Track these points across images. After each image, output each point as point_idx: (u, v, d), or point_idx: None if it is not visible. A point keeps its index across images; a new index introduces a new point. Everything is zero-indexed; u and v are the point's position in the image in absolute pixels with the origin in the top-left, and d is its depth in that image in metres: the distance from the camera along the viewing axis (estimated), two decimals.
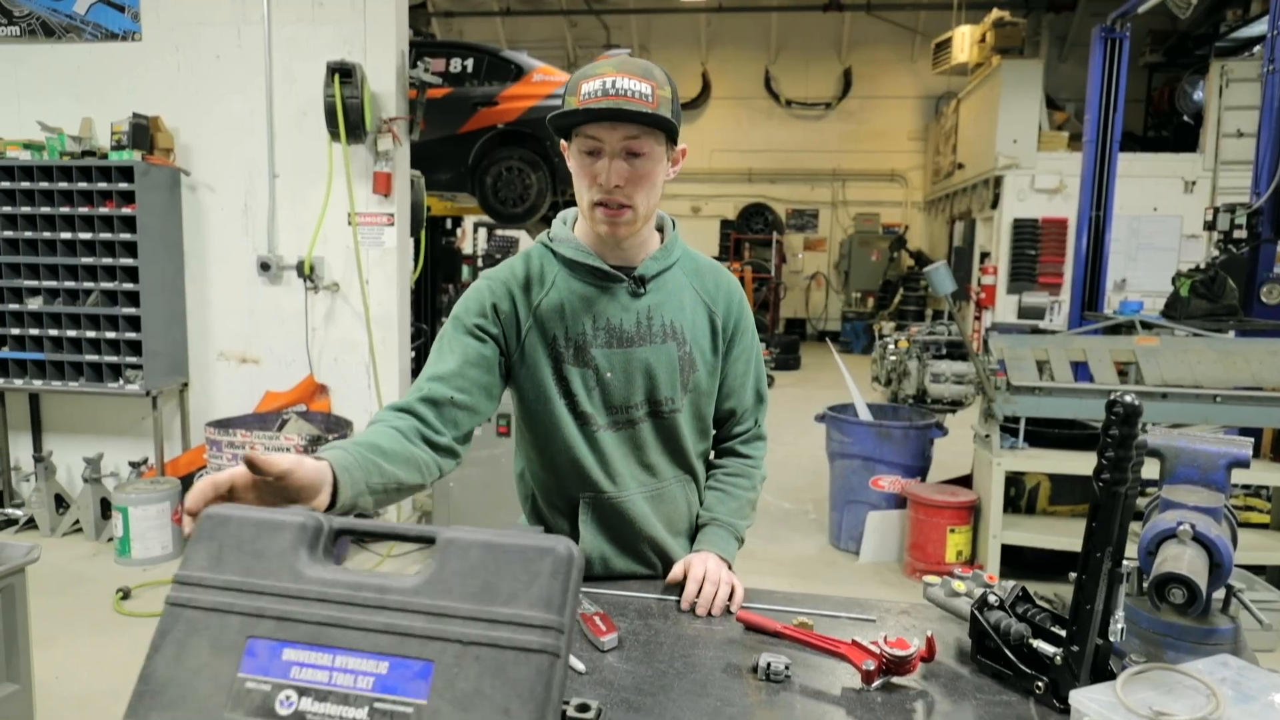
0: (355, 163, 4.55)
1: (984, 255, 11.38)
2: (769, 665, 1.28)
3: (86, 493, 4.65)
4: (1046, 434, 4.31)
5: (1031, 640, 1.24)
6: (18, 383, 4.61)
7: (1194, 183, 10.14)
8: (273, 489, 1.07)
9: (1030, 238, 10.50)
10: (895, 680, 1.27)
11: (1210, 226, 5.29)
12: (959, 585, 1.40)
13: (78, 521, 4.70)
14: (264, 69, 4.59)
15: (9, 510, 2.20)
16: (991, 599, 1.32)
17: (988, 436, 4.30)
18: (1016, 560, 4.33)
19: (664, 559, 1.66)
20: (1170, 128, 12.20)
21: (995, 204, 10.78)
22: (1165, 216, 10.24)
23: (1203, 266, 5.10)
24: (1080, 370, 4.27)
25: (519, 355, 1.54)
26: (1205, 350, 4.15)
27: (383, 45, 4.51)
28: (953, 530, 4.32)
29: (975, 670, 1.32)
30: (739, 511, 1.70)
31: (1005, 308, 10.60)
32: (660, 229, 1.64)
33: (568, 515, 1.64)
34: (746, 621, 1.45)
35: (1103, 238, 6.61)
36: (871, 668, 1.25)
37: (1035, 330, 8.03)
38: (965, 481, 4.69)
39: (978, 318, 10.69)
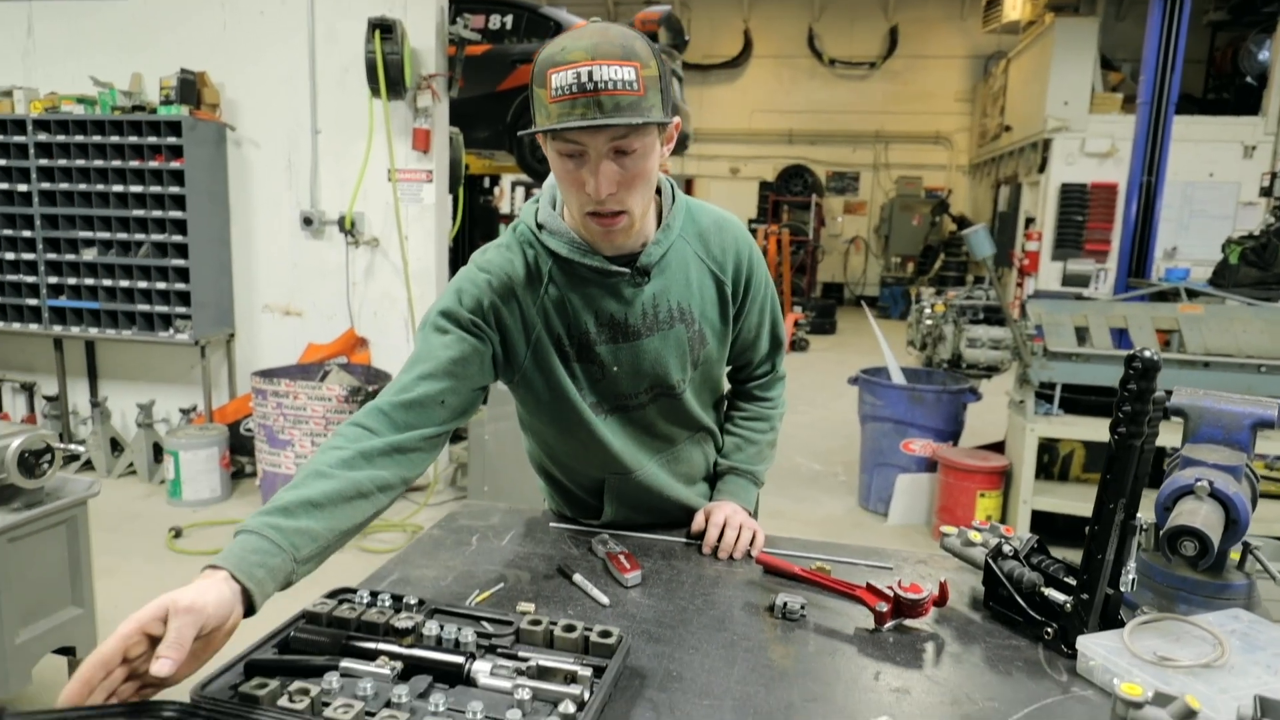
0: (395, 119, 4.60)
1: (1029, 221, 11.14)
2: (785, 605, 1.33)
3: (140, 437, 4.84)
4: (1083, 401, 4.27)
5: (1043, 589, 1.28)
6: (74, 330, 4.79)
7: (1254, 147, 9.78)
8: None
9: (1078, 203, 10.25)
10: (908, 623, 1.32)
11: (1267, 192, 5.14)
12: (975, 535, 1.43)
13: (132, 464, 4.90)
14: (307, 25, 4.64)
15: (72, 446, 2.32)
16: (1006, 549, 1.36)
17: (1022, 402, 4.28)
18: (1047, 527, 4.32)
19: (686, 512, 1.69)
20: (1232, 89, 11.73)
21: (1043, 168, 10.52)
22: (1221, 183, 9.91)
23: (1256, 234, 4.97)
24: (1122, 338, 4.21)
25: (530, 357, 1.45)
26: (1252, 319, 4.07)
27: (423, 1, 4.53)
28: (983, 495, 4.33)
29: (987, 616, 1.35)
30: (757, 456, 1.71)
31: (1049, 275, 10.39)
32: (658, 190, 1.48)
33: (592, 491, 1.66)
34: (766, 564, 1.50)
35: (1153, 204, 6.43)
36: (884, 610, 1.29)
37: (1079, 298, 7.88)
38: (999, 448, 4.67)
39: (1020, 284, 10.51)
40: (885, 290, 14.55)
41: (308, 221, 4.76)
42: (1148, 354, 1.12)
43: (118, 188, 4.59)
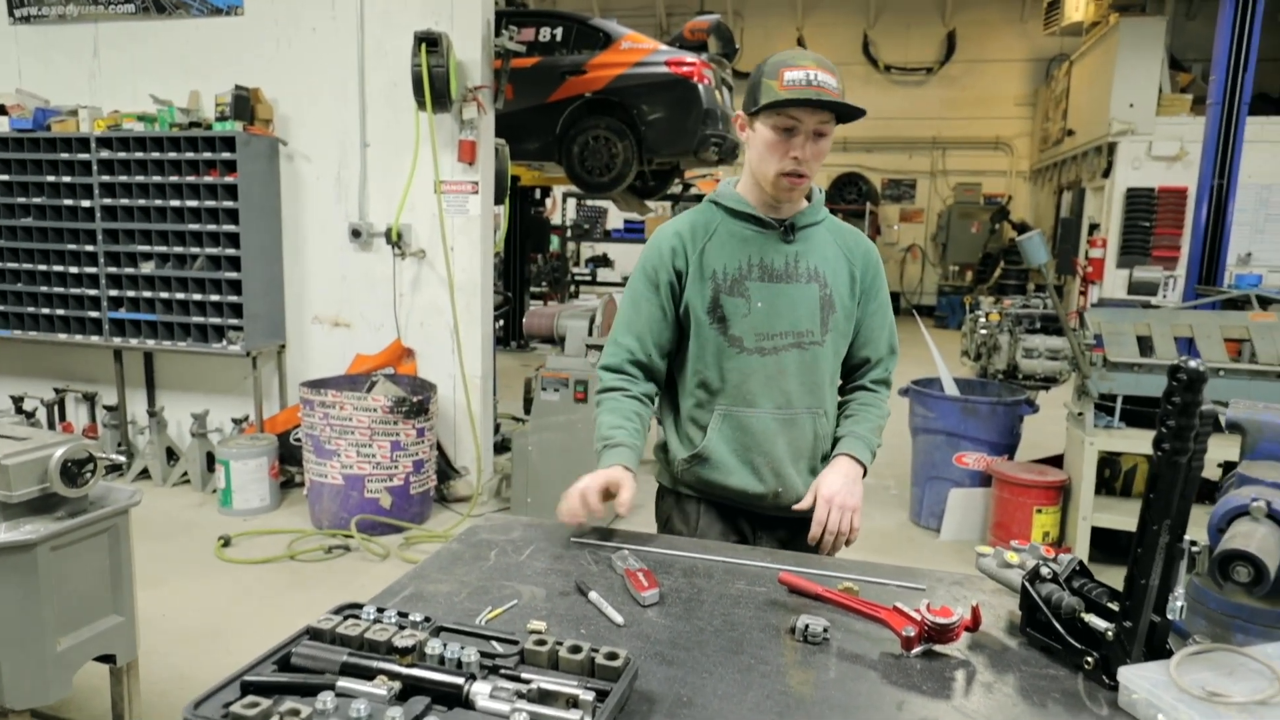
0: (441, 131, 4.65)
1: (1093, 227, 10.79)
2: (807, 627, 1.27)
3: (194, 447, 4.96)
4: (1146, 413, 4.09)
5: (1084, 615, 1.19)
6: (133, 342, 4.93)
7: None
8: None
9: (1145, 208, 9.88)
10: (937, 649, 1.24)
11: None
12: (1012, 557, 1.35)
13: (186, 473, 5.02)
14: (356, 40, 4.72)
15: (114, 456, 2.37)
16: (1045, 571, 1.28)
17: (1081, 415, 4.11)
18: (1109, 545, 4.14)
19: (780, 480, 1.82)
20: None
21: (1107, 173, 10.18)
22: None
23: None
24: (1189, 348, 4.01)
25: (688, 285, 1.81)
26: None
27: (469, 14, 4.57)
28: (1040, 510, 4.16)
29: (1024, 643, 1.28)
30: (873, 430, 1.87)
31: (1114, 283, 10.02)
32: (808, 196, 1.88)
33: (704, 427, 1.84)
34: (789, 584, 1.44)
35: (1225, 208, 6.16)
36: (911, 634, 1.22)
37: (1146, 307, 7.56)
38: (1057, 462, 4.49)
39: (1084, 293, 10.16)
40: (943, 299, 14.22)
41: (356, 234, 4.83)
42: (1193, 364, 1.04)
43: (175, 202, 4.72)
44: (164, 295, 4.81)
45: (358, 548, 4.19)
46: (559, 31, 7.19)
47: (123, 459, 2.56)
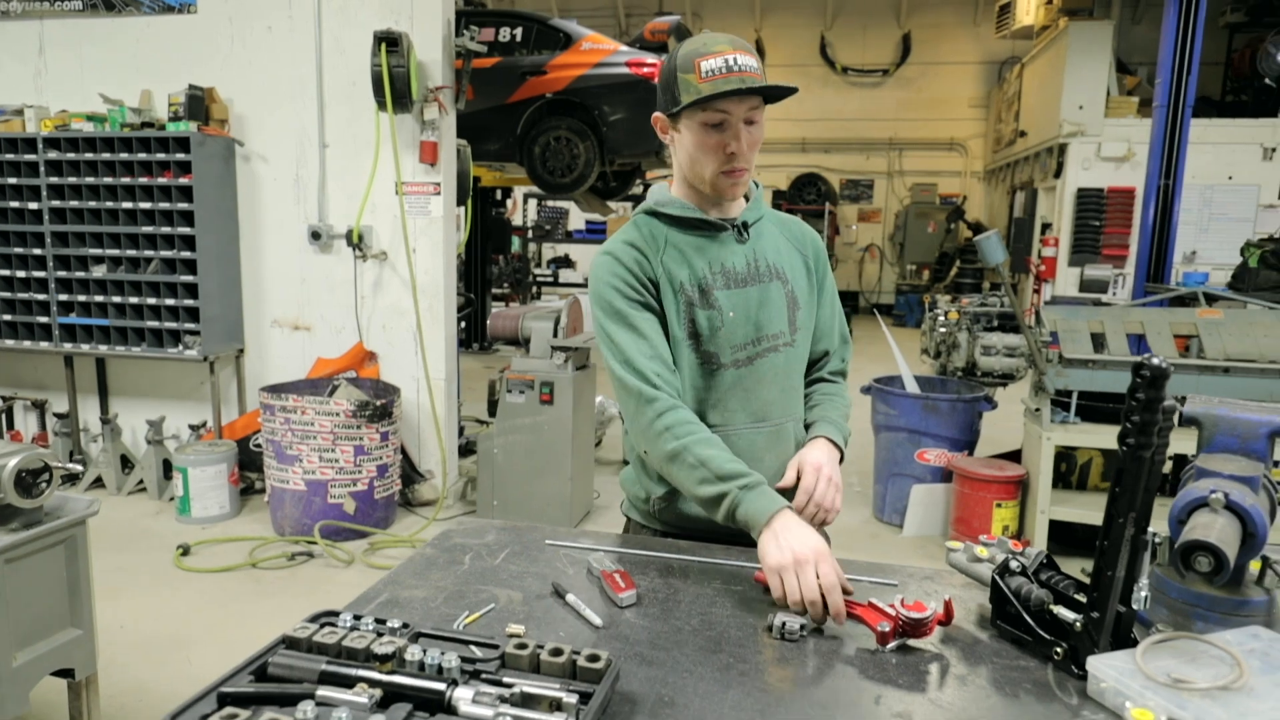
0: (402, 132, 4.60)
1: (1045, 226, 11.04)
2: (784, 624, 1.29)
3: (150, 454, 4.85)
4: (1100, 408, 4.19)
5: (1052, 606, 1.22)
6: (85, 347, 4.80)
7: (1274, 149, 9.66)
8: None
9: (1095, 208, 10.14)
10: (911, 643, 1.27)
11: None
12: (982, 551, 1.38)
13: (142, 481, 4.91)
14: (314, 39, 4.65)
15: (70, 465, 2.31)
16: (1014, 565, 1.30)
17: (1038, 410, 4.20)
18: (1067, 537, 4.24)
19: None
20: (1250, 91, 11.60)
21: (1058, 173, 10.43)
22: (1241, 185, 9.79)
23: (1276, 236, 4.88)
24: (1140, 344, 4.13)
25: (662, 299, 1.67)
26: (1273, 324, 3.98)
27: (429, 14, 4.53)
28: (999, 505, 4.25)
29: (995, 636, 1.30)
30: (842, 417, 1.79)
31: (1066, 281, 10.28)
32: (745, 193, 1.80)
33: None
34: (764, 582, 1.45)
35: (1171, 208, 6.34)
36: (886, 629, 1.24)
37: (1097, 304, 7.76)
38: (1015, 457, 4.59)
39: (1037, 291, 10.40)
40: (901, 298, 14.44)
41: (316, 236, 4.76)
42: (1156, 361, 1.07)
43: (127, 204, 4.61)
44: (116, 299, 4.70)
45: (321, 554, 4.13)
46: (519, 32, 7.16)
47: (78, 468, 2.49)
